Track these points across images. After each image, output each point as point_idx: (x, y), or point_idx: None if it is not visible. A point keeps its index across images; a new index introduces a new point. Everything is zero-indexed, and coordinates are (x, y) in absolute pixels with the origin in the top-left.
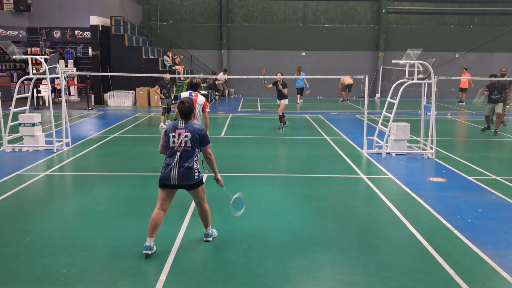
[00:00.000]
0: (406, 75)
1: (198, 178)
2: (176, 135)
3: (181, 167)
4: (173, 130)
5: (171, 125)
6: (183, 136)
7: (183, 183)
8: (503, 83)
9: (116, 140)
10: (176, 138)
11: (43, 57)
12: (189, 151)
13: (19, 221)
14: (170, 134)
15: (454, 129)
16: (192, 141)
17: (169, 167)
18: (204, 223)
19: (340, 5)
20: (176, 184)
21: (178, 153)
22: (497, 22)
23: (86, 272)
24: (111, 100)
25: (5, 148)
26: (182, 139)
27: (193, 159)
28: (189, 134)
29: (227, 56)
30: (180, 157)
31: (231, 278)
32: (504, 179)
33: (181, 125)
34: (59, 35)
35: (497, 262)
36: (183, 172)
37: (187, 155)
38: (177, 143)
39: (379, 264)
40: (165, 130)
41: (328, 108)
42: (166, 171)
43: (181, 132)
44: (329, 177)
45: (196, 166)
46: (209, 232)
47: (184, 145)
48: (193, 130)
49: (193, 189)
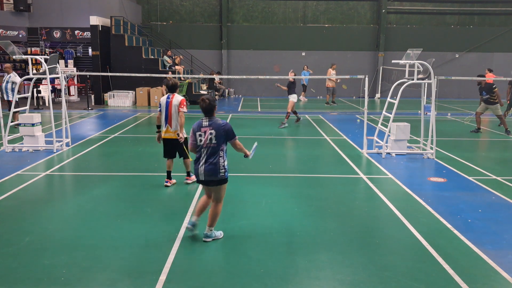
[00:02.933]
0: (406, 75)
1: (223, 175)
2: (202, 133)
3: (208, 163)
4: (198, 129)
5: (196, 124)
6: (208, 133)
7: (209, 179)
8: (490, 84)
9: (116, 140)
10: (202, 137)
11: (43, 57)
12: (215, 147)
13: (19, 221)
14: (197, 133)
15: (454, 129)
16: (217, 138)
17: (198, 164)
18: (210, 221)
19: (340, 5)
20: (203, 180)
21: (204, 150)
22: (497, 22)
23: (86, 272)
24: (111, 100)
25: (5, 148)
26: (208, 137)
27: (218, 154)
28: (214, 132)
29: (227, 56)
30: (207, 154)
31: (231, 278)
32: (504, 179)
33: (205, 123)
34: (59, 35)
35: (497, 262)
36: (209, 167)
37: (212, 151)
38: (203, 140)
39: (379, 264)
40: (192, 129)
41: (328, 108)
42: (196, 168)
43: (206, 130)
44: (329, 177)
45: (222, 163)
46: (210, 233)
47: (209, 142)
48: (217, 127)
49: (216, 186)
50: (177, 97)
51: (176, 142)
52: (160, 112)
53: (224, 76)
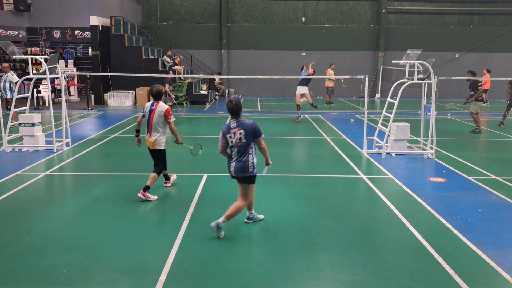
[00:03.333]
0: (406, 75)
1: (251, 172)
2: (232, 135)
3: (238, 161)
4: (228, 131)
5: (225, 127)
6: (237, 134)
7: (239, 175)
8: (476, 81)
9: (116, 140)
10: (232, 138)
11: (43, 57)
12: (245, 145)
13: (19, 221)
14: (227, 135)
15: (454, 129)
16: (247, 136)
17: (230, 162)
18: (228, 213)
19: (340, 5)
20: (234, 176)
21: (235, 149)
22: (497, 22)
23: (86, 272)
24: (111, 100)
25: (5, 148)
26: (238, 137)
27: (248, 152)
28: (243, 131)
29: (227, 56)
30: (237, 152)
31: (231, 278)
32: (504, 179)
33: (233, 124)
34: (59, 35)
35: (497, 262)
36: (239, 165)
37: (243, 150)
38: (234, 141)
39: (379, 264)
40: (222, 133)
41: (328, 108)
42: (228, 165)
43: (235, 131)
44: (329, 177)
45: (251, 160)
46: (221, 225)
47: (239, 141)
48: (246, 127)
49: (246, 183)
50: (161, 106)
51: (154, 153)
52: (142, 117)
53: (224, 76)
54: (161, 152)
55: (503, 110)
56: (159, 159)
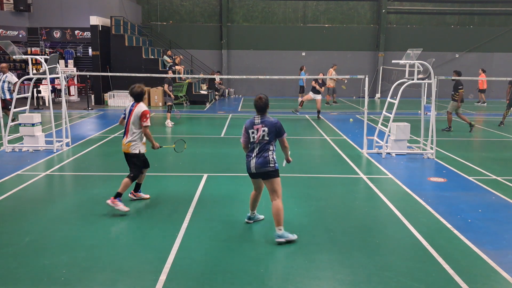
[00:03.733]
0: (406, 75)
1: (273, 166)
2: (255, 131)
3: (258, 157)
4: (251, 126)
5: (249, 122)
6: (261, 130)
7: (260, 171)
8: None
9: (116, 140)
10: (255, 134)
11: (43, 57)
12: (267, 143)
13: (19, 221)
14: (250, 130)
15: (454, 129)
16: (269, 134)
17: (249, 158)
18: (276, 220)
19: (340, 5)
20: (255, 172)
21: (257, 146)
22: (497, 22)
23: (86, 272)
24: (111, 100)
25: (5, 148)
26: (261, 134)
27: (269, 149)
28: (267, 129)
29: (227, 56)
30: (259, 149)
31: (231, 278)
32: (504, 179)
33: (257, 120)
34: (59, 35)
35: (497, 262)
36: (259, 160)
37: (264, 147)
38: (256, 137)
39: (379, 264)
40: (245, 128)
41: (328, 108)
42: (247, 162)
43: (258, 128)
44: (329, 177)
45: (271, 156)
46: (281, 233)
47: (262, 139)
48: (270, 125)
49: (270, 178)
50: (140, 107)
51: (128, 157)
52: (123, 118)
53: (224, 76)
54: (135, 156)
55: (503, 110)
56: (132, 164)
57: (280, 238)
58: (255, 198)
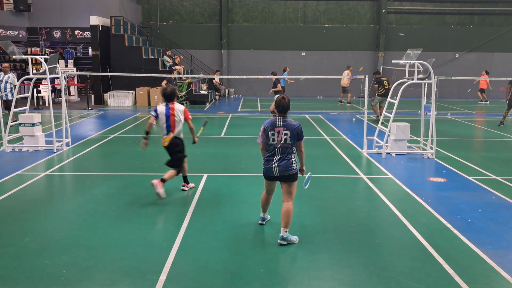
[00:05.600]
0: (406, 75)
1: (295, 169)
2: (276, 133)
3: (282, 160)
4: (272, 128)
5: (269, 123)
6: (282, 134)
7: (284, 174)
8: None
9: (116, 140)
10: (276, 136)
11: (43, 57)
12: (289, 147)
13: (19, 221)
14: (270, 132)
15: (454, 129)
16: (292, 138)
17: (271, 163)
18: (284, 222)
19: (340, 5)
20: (277, 176)
21: (279, 150)
22: (497, 22)
23: (86, 272)
24: (111, 100)
25: (5, 148)
26: (282, 137)
27: (292, 152)
28: (289, 132)
29: (227, 56)
30: (281, 153)
31: (231, 278)
32: (504, 179)
33: (279, 123)
34: (59, 35)
35: (497, 262)
36: (283, 163)
37: (286, 150)
38: (277, 140)
39: (379, 264)
40: (264, 128)
41: (328, 108)
42: (268, 166)
43: (280, 130)
44: (329, 177)
45: (293, 159)
46: (286, 236)
47: (284, 143)
48: (292, 128)
49: (290, 182)
50: (178, 105)
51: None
52: (154, 118)
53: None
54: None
55: (503, 110)
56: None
57: (283, 240)
58: (267, 200)
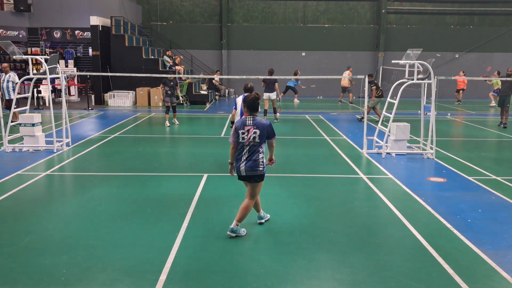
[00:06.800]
0: (406, 75)
1: (262, 171)
2: (245, 132)
3: (248, 160)
4: (242, 127)
5: (240, 122)
6: (252, 132)
7: (250, 174)
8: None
9: (116, 140)
10: (245, 135)
11: (43, 57)
12: (256, 145)
13: (19, 221)
14: (240, 131)
15: (454, 129)
16: (260, 137)
17: (239, 161)
18: (240, 216)
19: (340, 5)
20: (244, 175)
21: (246, 148)
22: (497, 22)
23: (86, 272)
24: (111, 100)
25: (5, 148)
26: (251, 136)
27: (258, 151)
28: (258, 131)
29: (227, 56)
30: (248, 151)
31: (231, 278)
32: (504, 179)
33: (249, 121)
34: (59, 35)
35: (497, 262)
36: (249, 164)
37: (254, 149)
38: (246, 139)
39: (379, 264)
40: (235, 127)
41: (328, 108)
42: (237, 165)
43: (249, 129)
44: (329, 177)
45: (261, 159)
46: (236, 229)
47: (252, 141)
48: (262, 127)
49: (254, 182)
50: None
51: None
52: (235, 110)
53: (224, 76)
54: None
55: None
56: None
57: (232, 232)
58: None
